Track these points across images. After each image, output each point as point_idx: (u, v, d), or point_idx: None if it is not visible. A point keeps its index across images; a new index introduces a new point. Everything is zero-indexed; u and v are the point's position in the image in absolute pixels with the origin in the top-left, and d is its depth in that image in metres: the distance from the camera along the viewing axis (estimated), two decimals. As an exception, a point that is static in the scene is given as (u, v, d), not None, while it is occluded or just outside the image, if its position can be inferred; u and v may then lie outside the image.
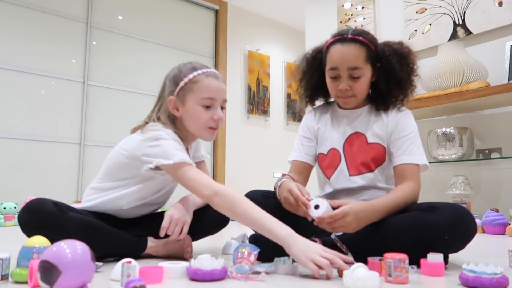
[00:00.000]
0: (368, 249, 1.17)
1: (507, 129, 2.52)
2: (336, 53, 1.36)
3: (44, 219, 1.16)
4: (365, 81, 1.37)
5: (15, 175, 3.26)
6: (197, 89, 1.29)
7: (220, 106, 1.33)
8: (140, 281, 0.82)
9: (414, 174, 1.33)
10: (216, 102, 1.31)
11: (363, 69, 1.34)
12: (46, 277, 0.77)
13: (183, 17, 4.46)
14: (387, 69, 1.38)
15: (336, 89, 1.38)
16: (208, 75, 1.31)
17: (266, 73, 5.04)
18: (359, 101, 1.42)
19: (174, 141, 1.25)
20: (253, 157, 4.82)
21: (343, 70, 1.34)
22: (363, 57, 1.34)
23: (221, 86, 1.32)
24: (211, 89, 1.29)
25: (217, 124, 1.33)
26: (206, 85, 1.29)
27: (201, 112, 1.30)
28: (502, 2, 2.53)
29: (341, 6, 3.52)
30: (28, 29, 3.47)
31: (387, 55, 1.38)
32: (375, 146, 1.40)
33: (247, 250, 1.08)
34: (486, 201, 2.58)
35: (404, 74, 1.38)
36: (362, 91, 1.39)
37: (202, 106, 1.29)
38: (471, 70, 2.43)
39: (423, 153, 1.37)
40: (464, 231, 1.13)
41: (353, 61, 1.33)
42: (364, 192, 1.41)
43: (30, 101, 3.41)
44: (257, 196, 1.37)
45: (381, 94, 1.42)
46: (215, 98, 1.30)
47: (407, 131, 1.37)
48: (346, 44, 1.35)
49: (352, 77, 1.35)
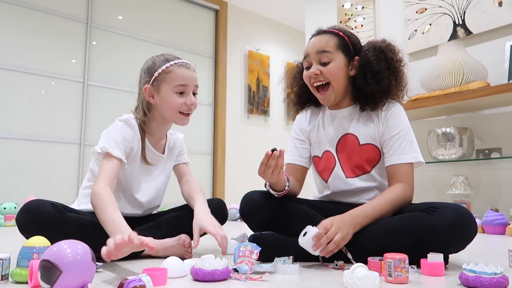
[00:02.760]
0: (368, 250, 1.17)
1: (507, 129, 2.52)
2: (309, 44, 1.42)
3: (42, 220, 1.16)
4: (335, 66, 1.37)
5: (15, 175, 3.26)
6: (170, 78, 1.37)
7: (192, 92, 1.41)
8: (140, 281, 0.82)
9: (405, 174, 1.31)
10: (188, 89, 1.39)
11: (332, 54, 1.36)
12: (46, 276, 0.77)
13: (183, 17, 4.47)
14: (364, 61, 1.38)
15: (309, 77, 1.40)
16: (180, 65, 1.40)
17: (266, 73, 5.04)
18: (337, 91, 1.39)
19: (117, 134, 1.32)
20: (253, 157, 4.81)
21: (313, 56, 1.39)
22: (333, 44, 1.37)
23: (192, 74, 1.41)
24: (183, 77, 1.38)
25: (190, 109, 1.41)
26: (178, 74, 1.38)
27: (176, 98, 1.37)
28: (502, 2, 2.53)
29: (341, 6, 3.52)
30: (28, 29, 3.47)
31: (365, 50, 1.40)
32: (368, 147, 1.39)
33: (249, 249, 1.09)
34: (486, 201, 2.58)
35: (382, 67, 1.35)
36: (334, 76, 1.37)
37: (176, 93, 1.38)
38: (471, 70, 2.43)
39: (416, 150, 1.33)
40: (465, 233, 1.13)
41: (323, 45, 1.37)
42: (366, 194, 1.40)
43: (30, 101, 3.41)
44: (256, 196, 1.37)
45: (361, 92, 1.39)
46: (188, 84, 1.39)
47: (398, 129, 1.34)
48: (318, 36, 1.41)
49: (322, 63, 1.37)
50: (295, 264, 1.11)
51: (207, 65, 4.61)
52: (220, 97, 4.61)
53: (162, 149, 1.50)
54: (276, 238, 1.28)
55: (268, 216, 1.33)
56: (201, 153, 4.47)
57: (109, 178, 1.22)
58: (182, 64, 1.41)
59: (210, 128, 4.59)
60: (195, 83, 1.42)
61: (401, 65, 1.39)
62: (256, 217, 1.36)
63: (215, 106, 4.61)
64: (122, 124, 1.36)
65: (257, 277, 1.03)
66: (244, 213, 1.38)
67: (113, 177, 1.23)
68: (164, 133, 1.50)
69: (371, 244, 1.18)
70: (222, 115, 4.60)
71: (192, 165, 1.64)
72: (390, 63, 1.37)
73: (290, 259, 1.10)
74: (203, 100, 4.55)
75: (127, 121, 1.37)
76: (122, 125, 1.36)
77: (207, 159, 4.52)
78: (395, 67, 1.37)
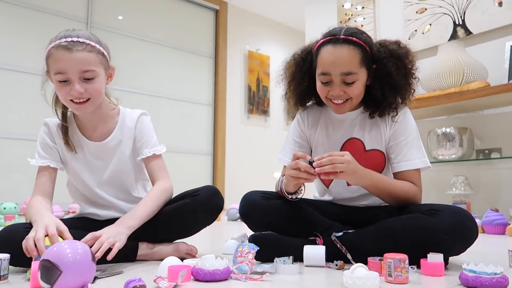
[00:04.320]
0: (368, 251, 1.16)
1: (507, 129, 2.52)
2: (327, 57, 1.23)
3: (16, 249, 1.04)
4: (359, 85, 1.26)
5: (15, 175, 3.25)
6: (50, 64, 1.17)
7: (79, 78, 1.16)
8: (140, 281, 0.82)
9: (414, 180, 1.29)
10: (70, 76, 1.15)
11: (357, 74, 1.23)
12: (46, 276, 0.77)
13: (183, 17, 4.46)
14: (383, 72, 1.27)
15: (327, 93, 1.28)
16: (59, 46, 1.14)
17: (266, 73, 5.04)
18: (354, 105, 1.32)
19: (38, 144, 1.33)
20: (253, 157, 4.82)
21: (335, 75, 1.23)
22: (357, 61, 1.22)
23: (72, 57, 1.13)
24: (61, 63, 1.13)
25: (78, 99, 1.18)
26: (56, 58, 1.14)
27: (59, 88, 1.18)
28: (502, 2, 2.53)
29: (341, 6, 3.52)
30: (28, 29, 3.47)
31: (383, 57, 1.27)
32: (374, 153, 1.35)
33: (246, 249, 1.09)
34: (486, 201, 2.58)
35: (401, 78, 1.28)
36: (357, 95, 1.27)
37: (58, 82, 1.17)
38: (471, 70, 2.43)
39: (423, 154, 1.31)
40: (465, 236, 1.12)
41: (347, 65, 1.21)
42: (367, 198, 1.39)
43: (30, 101, 3.41)
44: (255, 197, 1.36)
45: (375, 101, 1.32)
46: (66, 71, 1.14)
47: (405, 134, 1.31)
48: (338, 46, 1.22)
49: (345, 82, 1.24)
50: (295, 264, 1.11)
51: (207, 65, 4.61)
52: (220, 97, 4.60)
53: (104, 136, 1.34)
54: (276, 238, 1.28)
55: (268, 216, 1.32)
56: (201, 153, 4.47)
57: (40, 190, 1.27)
58: (62, 44, 1.13)
59: (210, 128, 4.59)
60: (80, 67, 1.14)
61: (414, 69, 1.31)
62: (255, 217, 1.35)
63: (215, 106, 4.61)
64: (40, 130, 1.35)
65: (257, 277, 1.03)
66: (244, 213, 1.37)
67: (43, 187, 1.28)
68: (98, 116, 1.31)
69: (371, 245, 1.18)
70: (222, 115, 4.60)
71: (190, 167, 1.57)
72: (407, 72, 1.29)
73: (290, 259, 1.10)
74: (203, 100, 4.55)
75: (44, 124, 1.35)
76: (40, 132, 1.35)
77: (207, 159, 4.52)
78: (411, 75, 1.31)
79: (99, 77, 1.21)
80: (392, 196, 1.25)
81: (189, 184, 1.61)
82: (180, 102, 4.33)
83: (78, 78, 1.16)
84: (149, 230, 1.29)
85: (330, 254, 1.19)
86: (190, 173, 4.19)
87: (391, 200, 1.27)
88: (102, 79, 1.23)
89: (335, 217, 1.35)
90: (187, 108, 4.39)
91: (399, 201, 1.27)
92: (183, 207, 1.32)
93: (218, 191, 1.39)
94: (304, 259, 1.18)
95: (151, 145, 1.36)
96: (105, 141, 1.34)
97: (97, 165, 1.35)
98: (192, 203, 1.33)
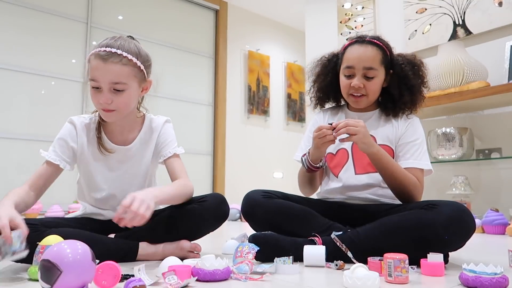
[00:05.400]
0: (368, 248, 1.17)
1: (507, 129, 2.52)
2: (353, 52, 1.42)
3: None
4: (378, 82, 1.42)
5: (15, 175, 3.26)
6: (88, 69, 1.23)
7: (109, 89, 1.21)
8: (140, 281, 0.82)
9: (418, 177, 1.37)
10: (101, 84, 1.21)
11: (377, 70, 1.40)
12: (46, 276, 0.77)
13: (183, 17, 4.47)
14: (401, 75, 1.43)
15: (349, 86, 1.43)
16: (97, 55, 1.20)
17: (266, 73, 5.04)
18: (370, 102, 1.46)
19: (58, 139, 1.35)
20: (253, 157, 4.82)
21: (358, 69, 1.40)
22: (378, 59, 1.40)
23: (106, 68, 1.19)
24: (96, 71, 1.20)
25: (106, 108, 1.23)
26: (92, 66, 1.21)
27: (92, 94, 1.24)
28: (502, 2, 2.53)
29: (341, 6, 3.52)
30: (28, 29, 3.47)
31: (401, 63, 1.44)
32: (384, 147, 1.42)
33: (246, 249, 1.09)
34: (486, 201, 2.58)
35: (417, 81, 1.44)
36: (374, 91, 1.43)
37: (92, 88, 1.23)
38: (471, 70, 2.43)
39: (428, 159, 1.42)
40: (463, 229, 1.14)
41: (370, 61, 1.39)
42: (369, 188, 1.44)
43: (30, 101, 3.41)
44: (257, 196, 1.38)
45: (392, 100, 1.46)
46: (98, 80, 1.20)
47: (415, 137, 1.43)
48: (364, 45, 1.41)
49: (366, 76, 1.40)
50: (295, 264, 1.11)
51: (207, 65, 4.61)
52: (220, 97, 4.61)
53: (129, 141, 1.37)
54: (276, 238, 1.28)
55: (269, 216, 1.35)
56: (201, 153, 4.47)
57: (32, 180, 1.27)
58: (100, 53, 1.19)
59: (210, 128, 4.59)
60: (111, 79, 1.19)
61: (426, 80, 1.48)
62: (257, 216, 1.38)
63: (215, 106, 4.61)
64: (65, 124, 1.37)
65: (257, 277, 1.03)
66: (246, 212, 1.40)
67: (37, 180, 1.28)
68: (124, 124, 1.36)
69: (370, 242, 1.18)
70: (222, 115, 4.60)
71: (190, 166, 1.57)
72: (422, 79, 1.46)
73: (290, 259, 1.10)
74: (203, 100, 4.56)
75: (70, 121, 1.37)
76: (64, 126, 1.37)
77: (207, 159, 4.52)
78: (424, 84, 1.47)
79: (130, 89, 1.25)
80: (394, 175, 1.32)
81: (189, 184, 1.60)
82: (180, 102, 4.33)
83: (108, 89, 1.21)
84: (154, 232, 1.30)
85: (330, 253, 1.20)
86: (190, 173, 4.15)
87: (392, 180, 1.34)
88: (133, 92, 1.26)
89: (336, 217, 1.36)
90: (187, 108, 4.39)
91: (399, 184, 1.33)
92: (191, 212, 1.33)
93: (225, 199, 1.41)
94: (304, 259, 1.18)
95: (173, 147, 1.40)
96: (129, 146, 1.37)
97: (116, 168, 1.37)
98: (200, 209, 1.33)
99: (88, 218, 1.39)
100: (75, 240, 0.84)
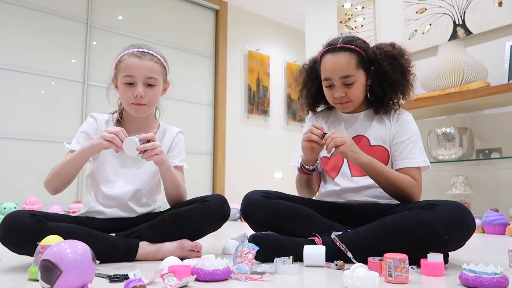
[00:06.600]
0: (368, 248, 1.17)
1: (507, 129, 2.52)
2: (327, 64, 1.41)
3: (19, 232, 1.14)
4: (359, 86, 1.41)
5: (15, 175, 3.26)
6: (121, 68, 1.36)
7: (143, 83, 1.35)
8: (140, 281, 0.82)
9: (415, 176, 1.37)
10: (136, 79, 1.34)
11: (355, 76, 1.39)
12: (46, 276, 0.77)
13: (183, 17, 4.47)
14: (379, 72, 1.41)
15: (332, 96, 1.44)
16: (131, 54, 1.35)
17: (266, 73, 5.04)
18: (356, 105, 1.46)
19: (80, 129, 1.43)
20: (253, 157, 4.82)
21: (335, 79, 1.40)
22: (353, 64, 1.38)
23: (142, 64, 1.34)
24: (132, 67, 1.33)
25: (139, 101, 1.35)
26: (127, 64, 1.34)
27: (124, 90, 1.36)
28: (502, 2, 2.53)
29: (341, 6, 3.52)
30: (28, 29, 3.47)
31: (379, 58, 1.42)
32: (378, 148, 1.43)
33: (246, 249, 1.09)
34: (486, 201, 2.58)
35: (397, 76, 1.41)
36: (357, 96, 1.42)
37: (124, 84, 1.35)
38: (471, 70, 2.43)
39: (424, 155, 1.41)
40: (463, 228, 1.14)
41: (344, 69, 1.38)
42: (367, 190, 1.43)
43: (30, 101, 3.41)
44: (256, 196, 1.38)
45: (378, 97, 1.46)
46: (134, 75, 1.33)
47: (409, 135, 1.42)
48: (335, 53, 1.40)
49: (345, 84, 1.40)
50: (295, 264, 1.11)
51: (207, 65, 4.61)
52: (220, 97, 4.61)
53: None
54: (276, 238, 1.28)
55: (268, 216, 1.34)
56: (201, 153, 4.47)
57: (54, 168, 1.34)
58: (134, 53, 1.35)
59: (210, 128, 4.59)
60: (146, 74, 1.34)
61: (411, 67, 1.44)
62: (256, 216, 1.37)
63: (215, 106, 4.61)
64: (87, 119, 1.45)
65: (257, 277, 1.03)
66: (245, 212, 1.40)
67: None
68: (143, 123, 1.46)
69: (370, 242, 1.18)
70: (222, 115, 4.60)
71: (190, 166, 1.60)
72: (403, 69, 1.42)
73: (290, 259, 1.10)
74: (203, 100, 4.56)
75: (91, 116, 1.45)
76: (86, 120, 1.45)
77: (207, 159, 4.52)
78: (407, 71, 1.43)
79: (159, 86, 1.39)
80: (389, 180, 1.33)
81: (189, 184, 1.61)
82: (180, 102, 4.33)
83: (142, 83, 1.35)
84: (155, 232, 1.32)
85: (330, 253, 1.20)
86: (190, 173, 4.15)
87: (388, 185, 1.34)
88: (160, 89, 1.41)
89: (335, 217, 1.36)
90: (187, 108, 4.39)
91: (395, 188, 1.33)
92: (193, 211, 1.35)
93: (226, 200, 1.44)
94: (304, 259, 1.18)
95: (180, 158, 1.51)
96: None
97: (128, 165, 1.43)
98: (202, 208, 1.35)
99: (89, 217, 1.39)
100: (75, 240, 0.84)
